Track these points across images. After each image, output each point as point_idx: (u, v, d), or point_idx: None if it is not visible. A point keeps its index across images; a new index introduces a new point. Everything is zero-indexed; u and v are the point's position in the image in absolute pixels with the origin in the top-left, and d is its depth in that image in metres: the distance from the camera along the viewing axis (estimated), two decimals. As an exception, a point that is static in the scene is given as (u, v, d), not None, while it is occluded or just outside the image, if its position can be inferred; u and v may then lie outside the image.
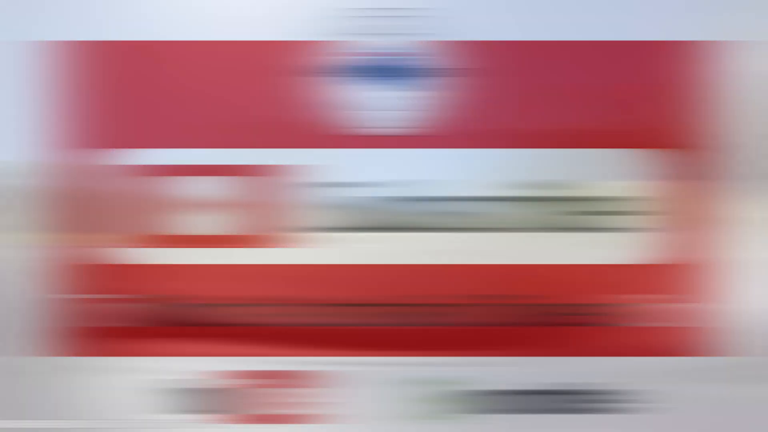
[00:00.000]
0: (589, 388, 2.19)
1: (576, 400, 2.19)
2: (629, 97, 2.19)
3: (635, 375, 2.19)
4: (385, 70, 2.20)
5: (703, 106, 2.18)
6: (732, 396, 2.17)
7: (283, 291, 2.21)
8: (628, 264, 2.19)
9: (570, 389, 2.19)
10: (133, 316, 2.22)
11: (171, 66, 2.21)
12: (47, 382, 2.21)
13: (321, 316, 2.22)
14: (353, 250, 2.21)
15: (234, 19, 2.21)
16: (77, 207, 2.20)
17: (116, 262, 2.21)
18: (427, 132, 2.20)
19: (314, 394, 2.20)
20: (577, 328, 2.20)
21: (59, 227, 2.20)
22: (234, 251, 2.21)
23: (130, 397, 2.20)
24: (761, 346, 2.19)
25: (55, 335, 2.19)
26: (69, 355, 2.20)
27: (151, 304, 2.22)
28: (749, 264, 2.18)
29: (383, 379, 2.20)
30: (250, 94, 2.20)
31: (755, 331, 2.18)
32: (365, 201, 2.22)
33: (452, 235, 2.21)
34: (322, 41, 2.20)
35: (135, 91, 2.21)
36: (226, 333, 2.21)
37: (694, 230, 2.19)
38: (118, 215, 2.21)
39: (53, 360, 2.20)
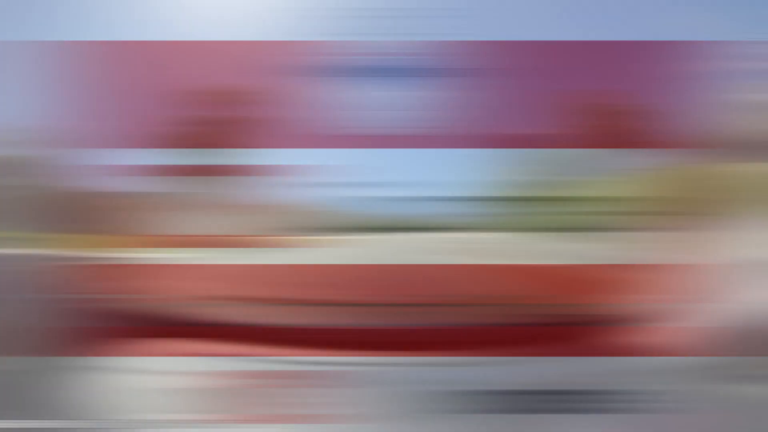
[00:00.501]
0: (588, 388, 2.19)
1: (576, 400, 2.19)
2: (627, 96, 2.20)
3: (634, 375, 2.19)
4: (386, 70, 2.21)
5: (701, 105, 2.19)
6: (732, 396, 2.17)
7: (283, 291, 2.22)
8: (626, 264, 2.19)
9: (570, 389, 2.19)
10: (133, 316, 2.22)
11: (171, 66, 2.22)
12: (47, 382, 2.21)
13: (321, 316, 2.22)
14: (353, 250, 2.22)
15: (236, 20, 2.22)
16: (77, 207, 2.21)
17: (116, 263, 2.21)
18: (427, 132, 2.20)
19: (315, 394, 2.21)
20: (576, 328, 2.20)
21: (60, 227, 2.20)
22: (234, 251, 2.22)
23: (130, 397, 2.20)
24: (761, 346, 2.19)
25: (56, 335, 2.20)
26: (69, 355, 2.20)
27: (151, 304, 2.22)
28: (747, 264, 2.18)
29: (383, 379, 2.20)
30: (252, 95, 2.21)
31: (754, 331, 2.19)
32: (365, 201, 2.22)
33: (451, 235, 2.21)
34: (325, 41, 2.21)
35: (134, 91, 2.21)
36: (226, 333, 2.22)
37: (691, 230, 2.19)
38: (117, 215, 2.21)
39: (54, 360, 2.20)
